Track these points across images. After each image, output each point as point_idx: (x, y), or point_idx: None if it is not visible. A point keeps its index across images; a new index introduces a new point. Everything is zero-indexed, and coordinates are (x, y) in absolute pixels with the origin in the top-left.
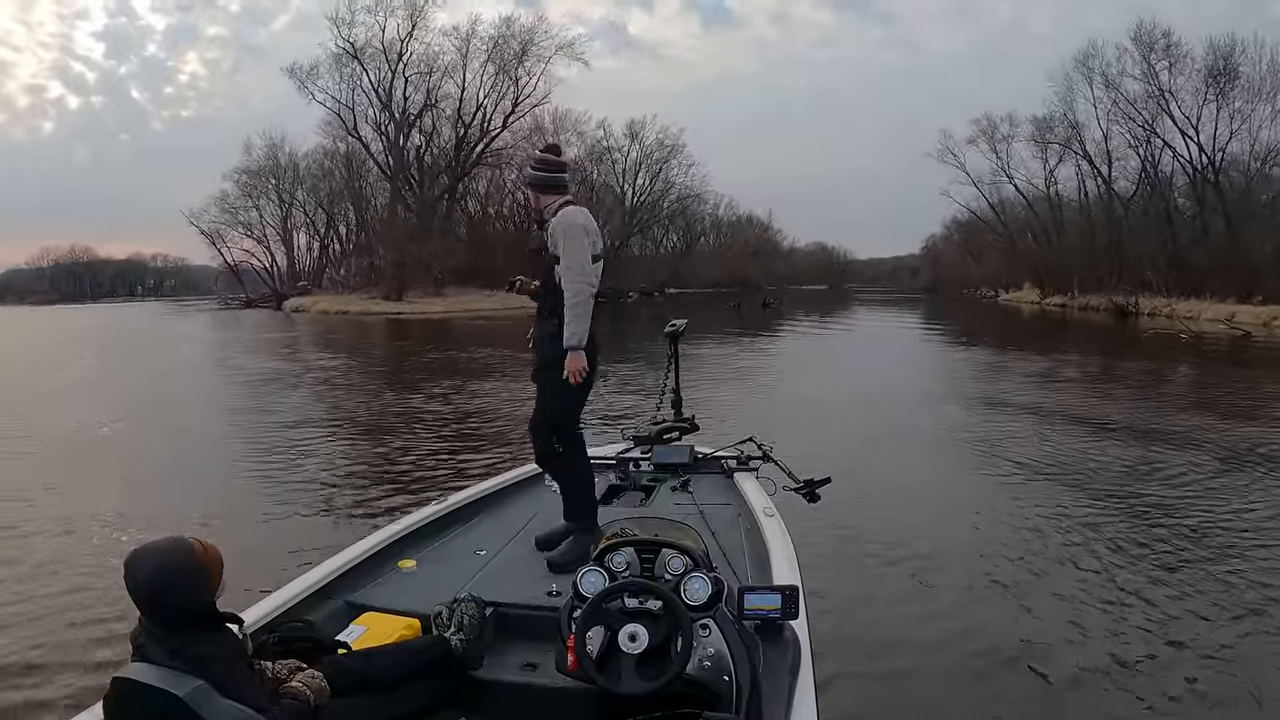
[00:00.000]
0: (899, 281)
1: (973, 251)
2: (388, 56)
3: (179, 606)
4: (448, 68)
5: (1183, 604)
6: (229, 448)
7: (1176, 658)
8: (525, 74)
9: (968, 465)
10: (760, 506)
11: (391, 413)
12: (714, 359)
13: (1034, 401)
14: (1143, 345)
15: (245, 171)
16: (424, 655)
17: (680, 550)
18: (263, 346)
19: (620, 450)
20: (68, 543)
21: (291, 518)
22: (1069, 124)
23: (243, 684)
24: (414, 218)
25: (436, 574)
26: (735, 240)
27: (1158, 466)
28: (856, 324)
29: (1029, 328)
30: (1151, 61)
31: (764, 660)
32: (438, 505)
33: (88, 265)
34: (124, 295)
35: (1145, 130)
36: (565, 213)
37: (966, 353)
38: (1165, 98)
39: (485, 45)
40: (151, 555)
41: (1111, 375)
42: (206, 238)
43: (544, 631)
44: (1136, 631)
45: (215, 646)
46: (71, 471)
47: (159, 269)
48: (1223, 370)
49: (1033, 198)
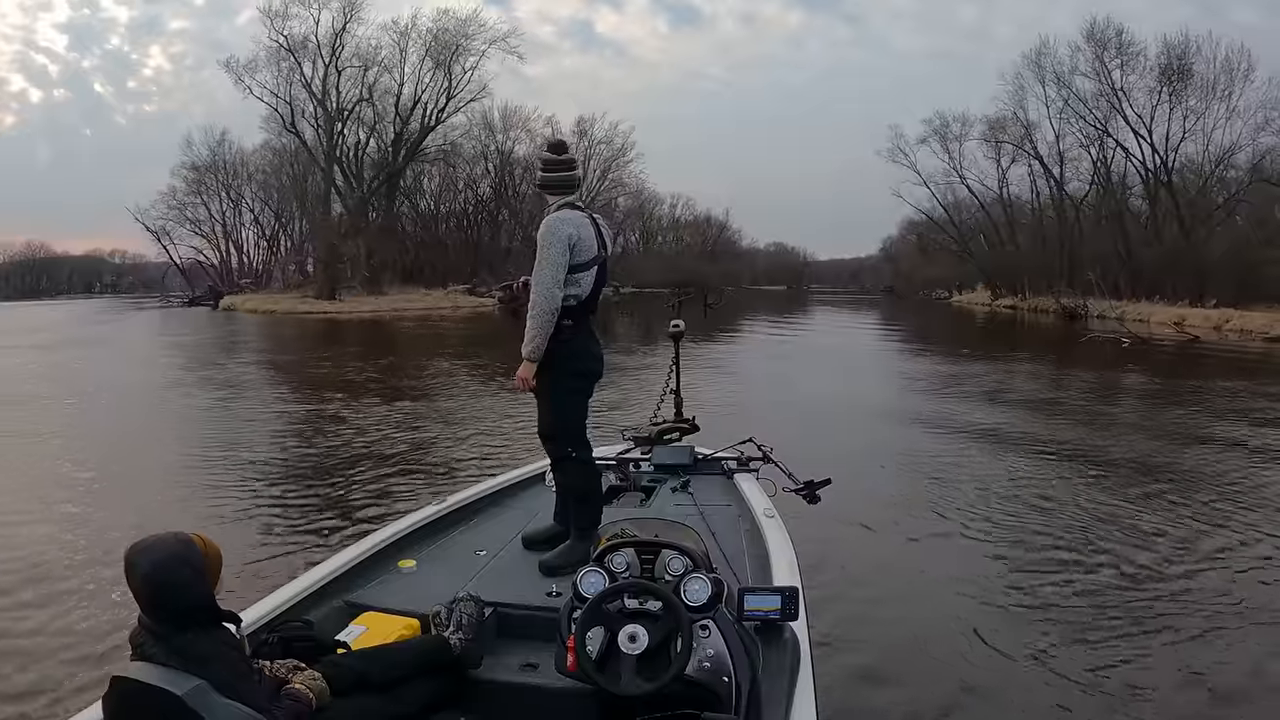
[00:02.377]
0: (861, 282)
1: (927, 252)
2: (320, 50)
3: (180, 601)
4: (384, 62)
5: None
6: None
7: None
8: (460, 69)
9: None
10: (760, 508)
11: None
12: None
13: (934, 413)
14: (1078, 350)
15: (191, 167)
16: (423, 655)
17: (680, 551)
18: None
19: (620, 451)
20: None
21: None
22: (1020, 123)
23: (242, 683)
24: (346, 215)
25: (436, 574)
26: (695, 240)
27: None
28: (799, 326)
29: (967, 331)
30: (1105, 60)
31: (764, 661)
32: (438, 505)
33: (43, 262)
34: (81, 292)
35: (1098, 130)
36: (550, 218)
37: (885, 358)
38: (1118, 96)
39: (424, 39)
40: (154, 548)
41: (1032, 382)
42: (152, 234)
43: (544, 632)
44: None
45: (215, 646)
46: None
47: (117, 265)
48: (1152, 376)
49: (985, 198)
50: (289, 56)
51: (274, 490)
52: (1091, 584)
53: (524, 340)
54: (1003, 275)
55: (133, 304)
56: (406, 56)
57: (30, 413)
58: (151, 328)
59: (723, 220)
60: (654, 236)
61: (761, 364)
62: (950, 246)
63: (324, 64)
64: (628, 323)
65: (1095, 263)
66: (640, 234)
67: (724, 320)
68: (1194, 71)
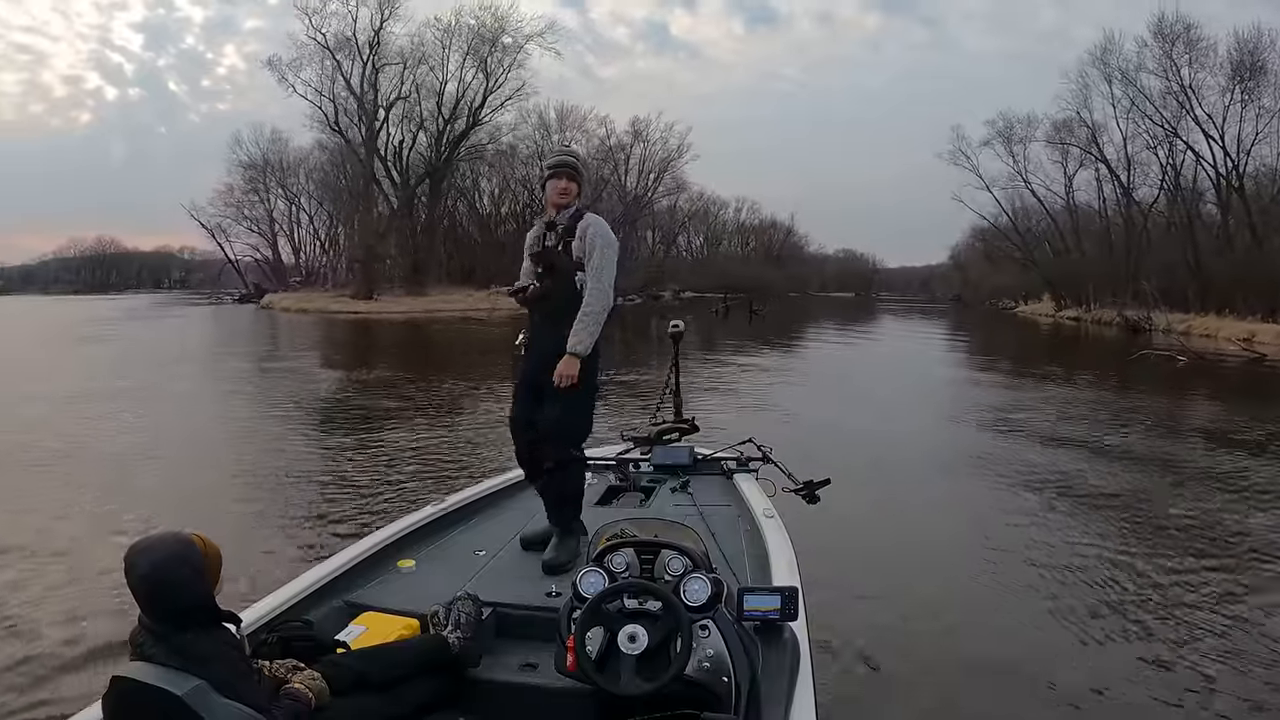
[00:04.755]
0: (931, 291)
1: (993, 260)
2: (359, 47)
3: (179, 601)
4: (424, 58)
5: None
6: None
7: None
8: (498, 65)
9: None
10: (760, 508)
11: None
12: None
13: (978, 454)
14: (1130, 369)
15: (248, 165)
16: (422, 655)
17: (680, 551)
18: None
19: (620, 451)
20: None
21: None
22: (1085, 125)
23: (242, 683)
24: (384, 215)
25: (436, 574)
26: (760, 244)
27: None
28: (855, 336)
29: (1025, 346)
30: (1174, 56)
31: (763, 661)
32: (437, 505)
33: (113, 257)
34: (150, 288)
35: (1166, 131)
36: (599, 220)
37: (938, 380)
38: (1187, 94)
39: (464, 36)
40: (154, 548)
41: (1071, 409)
42: (207, 230)
43: (543, 632)
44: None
45: (214, 645)
46: None
47: (186, 262)
48: (1210, 403)
49: (1050, 204)
50: (329, 54)
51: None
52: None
53: (573, 336)
54: (1067, 285)
55: (185, 300)
56: (449, 54)
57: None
58: (162, 325)
59: (788, 225)
60: (718, 241)
61: (788, 390)
62: (1014, 254)
63: (363, 61)
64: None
65: (1160, 273)
66: (705, 238)
67: (776, 328)
68: (1268, 69)
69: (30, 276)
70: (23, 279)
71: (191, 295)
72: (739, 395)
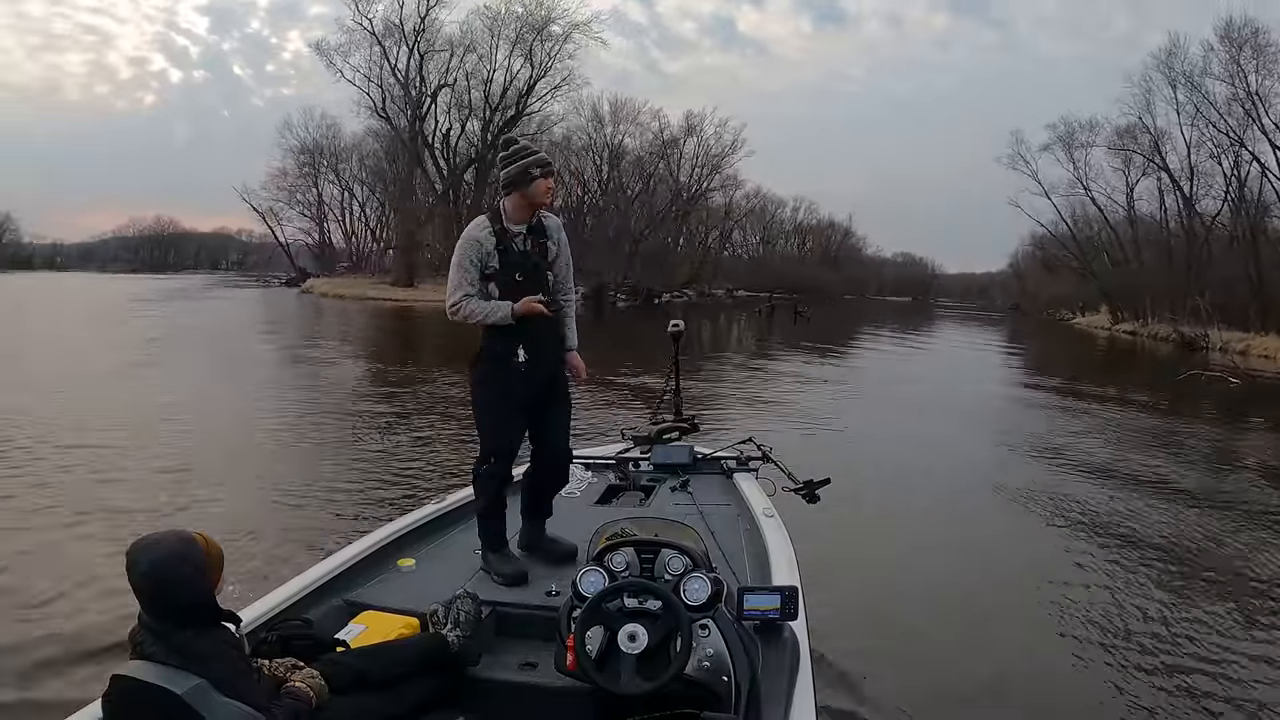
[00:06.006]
0: (990, 298)
1: (1051, 270)
2: (405, 33)
3: (179, 599)
4: (471, 46)
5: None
6: None
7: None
8: (545, 54)
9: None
10: (760, 507)
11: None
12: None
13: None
14: (1179, 389)
15: (301, 150)
16: (422, 654)
17: (680, 550)
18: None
19: (620, 450)
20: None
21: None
22: (1147, 131)
23: (241, 682)
24: (426, 202)
25: (435, 573)
26: (817, 245)
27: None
28: (906, 343)
29: (1079, 360)
30: (1241, 62)
31: (763, 660)
32: (437, 504)
33: (171, 237)
34: (207, 268)
35: (1231, 139)
36: (553, 217)
37: (983, 397)
38: (1254, 100)
39: (511, 24)
40: (155, 546)
41: (1114, 431)
42: (258, 214)
43: (543, 631)
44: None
45: (214, 644)
46: None
47: (244, 244)
48: (1259, 433)
49: (1110, 213)
50: (374, 39)
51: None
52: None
53: (570, 335)
54: (1124, 297)
55: (233, 282)
56: (498, 42)
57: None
58: (188, 306)
59: (846, 225)
60: (775, 240)
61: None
62: (1072, 264)
63: (408, 48)
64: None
65: (1220, 289)
66: (761, 237)
67: (820, 332)
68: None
69: (89, 254)
70: (81, 257)
71: (241, 277)
72: (770, 405)
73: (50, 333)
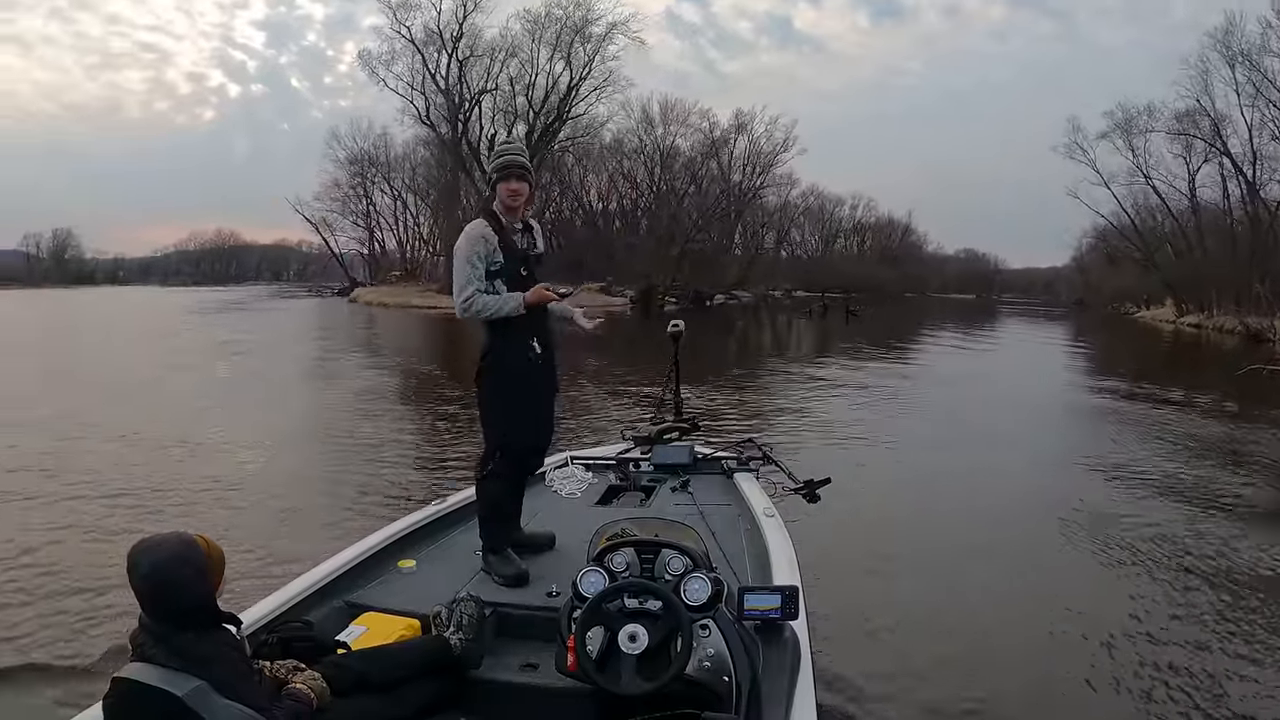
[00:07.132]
0: (1055, 293)
1: (1114, 262)
2: (444, 41)
3: (180, 601)
4: (511, 50)
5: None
6: None
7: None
8: (586, 55)
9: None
10: (760, 507)
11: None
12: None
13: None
14: (1240, 386)
15: (351, 161)
16: (424, 655)
17: (680, 550)
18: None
19: (620, 450)
20: None
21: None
22: (1206, 114)
23: (242, 684)
24: (472, 207)
25: (436, 574)
26: (876, 243)
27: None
28: (966, 344)
29: (1141, 356)
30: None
31: (764, 660)
32: (437, 505)
33: (233, 249)
34: (269, 279)
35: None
36: (534, 221)
37: (1044, 401)
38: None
39: (551, 27)
40: (156, 548)
41: (1176, 437)
42: (311, 224)
43: (543, 632)
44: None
45: (215, 646)
46: None
47: (304, 255)
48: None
49: (1171, 201)
50: (414, 48)
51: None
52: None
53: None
54: (1187, 289)
55: (289, 293)
56: (539, 46)
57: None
58: (238, 316)
59: (905, 222)
60: (833, 239)
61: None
62: (1134, 255)
63: (447, 55)
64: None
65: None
66: (820, 236)
67: (871, 332)
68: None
69: (149, 269)
70: (142, 271)
71: (297, 288)
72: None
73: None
